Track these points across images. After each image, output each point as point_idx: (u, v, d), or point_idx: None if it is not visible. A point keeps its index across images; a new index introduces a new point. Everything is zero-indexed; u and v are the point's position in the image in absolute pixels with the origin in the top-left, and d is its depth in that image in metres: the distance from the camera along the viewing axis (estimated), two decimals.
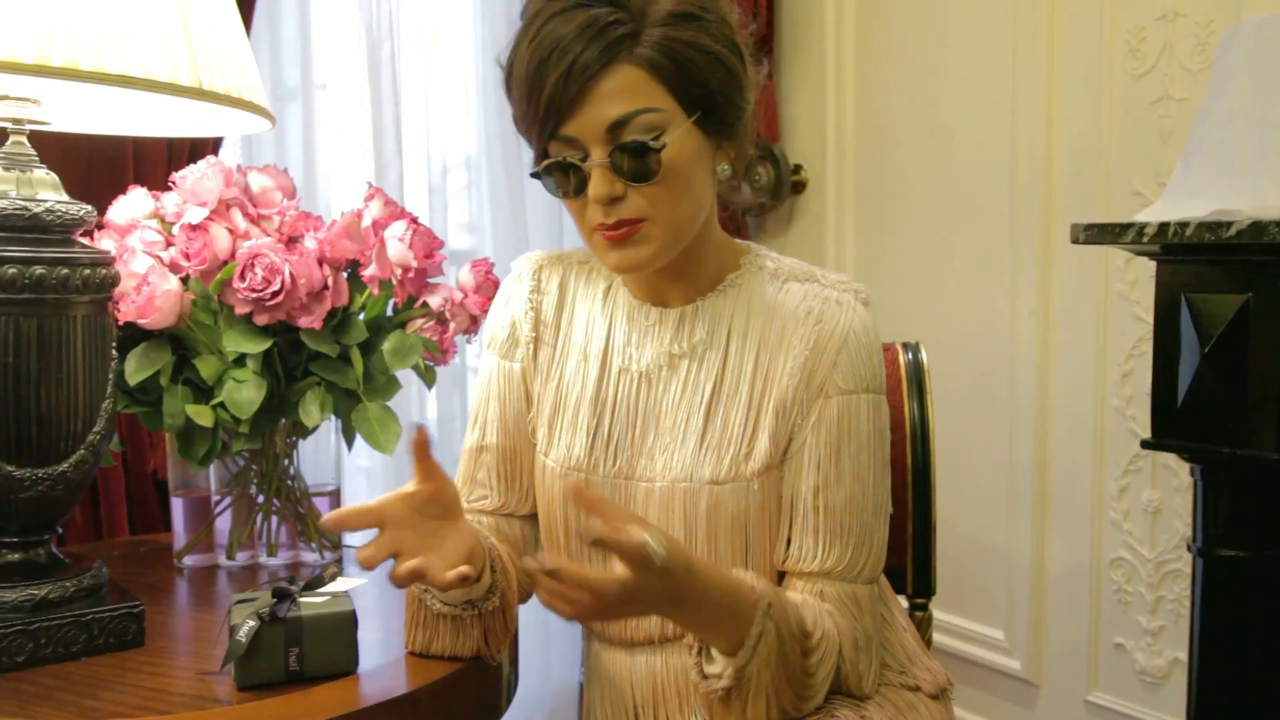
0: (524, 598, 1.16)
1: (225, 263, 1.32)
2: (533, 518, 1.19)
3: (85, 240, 1.20)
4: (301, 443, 1.45)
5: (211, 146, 1.78)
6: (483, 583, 1.05)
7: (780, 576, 1.11)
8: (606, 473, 1.12)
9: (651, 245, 1.04)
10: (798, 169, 2.70)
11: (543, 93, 0.99)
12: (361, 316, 1.39)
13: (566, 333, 1.17)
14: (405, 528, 0.96)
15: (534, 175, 1.06)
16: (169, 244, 1.34)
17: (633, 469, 1.12)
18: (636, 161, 1.00)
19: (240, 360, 1.32)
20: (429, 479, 0.98)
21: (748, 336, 1.11)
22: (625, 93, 1.00)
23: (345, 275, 1.38)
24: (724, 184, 1.12)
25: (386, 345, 1.37)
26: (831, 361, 1.07)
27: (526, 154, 1.09)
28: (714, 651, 0.99)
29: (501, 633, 1.10)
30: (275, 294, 1.28)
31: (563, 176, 1.03)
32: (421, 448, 0.97)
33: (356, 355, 1.36)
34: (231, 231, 1.34)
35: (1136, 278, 1.95)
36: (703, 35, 1.02)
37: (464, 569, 0.94)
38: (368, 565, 0.93)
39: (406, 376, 1.45)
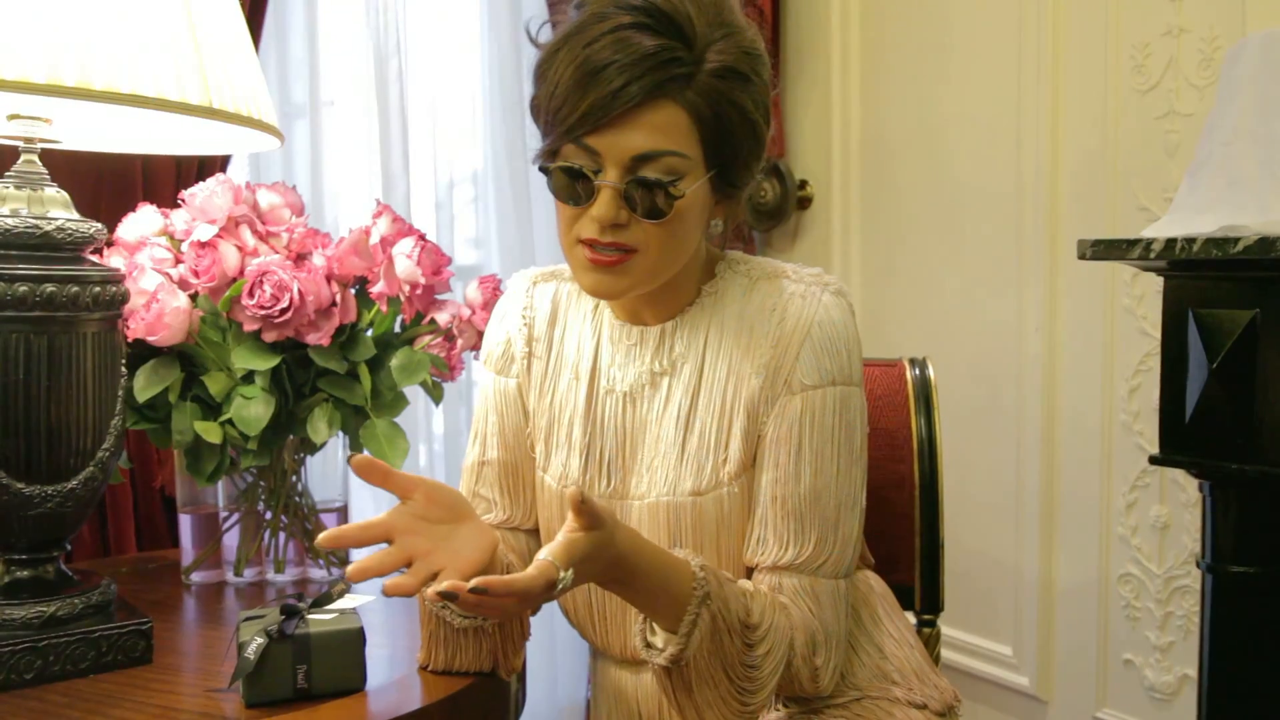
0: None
1: (234, 280, 1.32)
2: (537, 532, 1.19)
3: (95, 258, 1.20)
4: (309, 459, 1.46)
5: (220, 164, 1.79)
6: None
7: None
8: (601, 492, 1.13)
9: (630, 278, 1.04)
10: (803, 184, 2.71)
11: (582, 100, 0.98)
12: (369, 333, 1.39)
13: (559, 349, 1.18)
14: (415, 535, 0.96)
15: (542, 169, 1.06)
16: (178, 261, 1.34)
17: (625, 488, 1.12)
18: (651, 199, 1.00)
19: (249, 377, 1.32)
20: (412, 489, 0.98)
21: (721, 343, 1.11)
22: (663, 130, 0.99)
23: (353, 292, 1.38)
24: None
25: (394, 362, 1.38)
26: (794, 357, 1.07)
27: (534, 170, 1.09)
28: (656, 625, 1.00)
29: (519, 639, 1.10)
30: (284, 311, 1.28)
31: (570, 181, 1.03)
32: (367, 472, 0.95)
33: (364, 372, 1.36)
34: (240, 249, 1.34)
35: (1144, 293, 1.95)
36: (747, 98, 1.02)
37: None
38: (358, 577, 0.92)
39: (414, 392, 1.45)
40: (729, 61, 1.00)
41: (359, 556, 1.57)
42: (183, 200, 1.38)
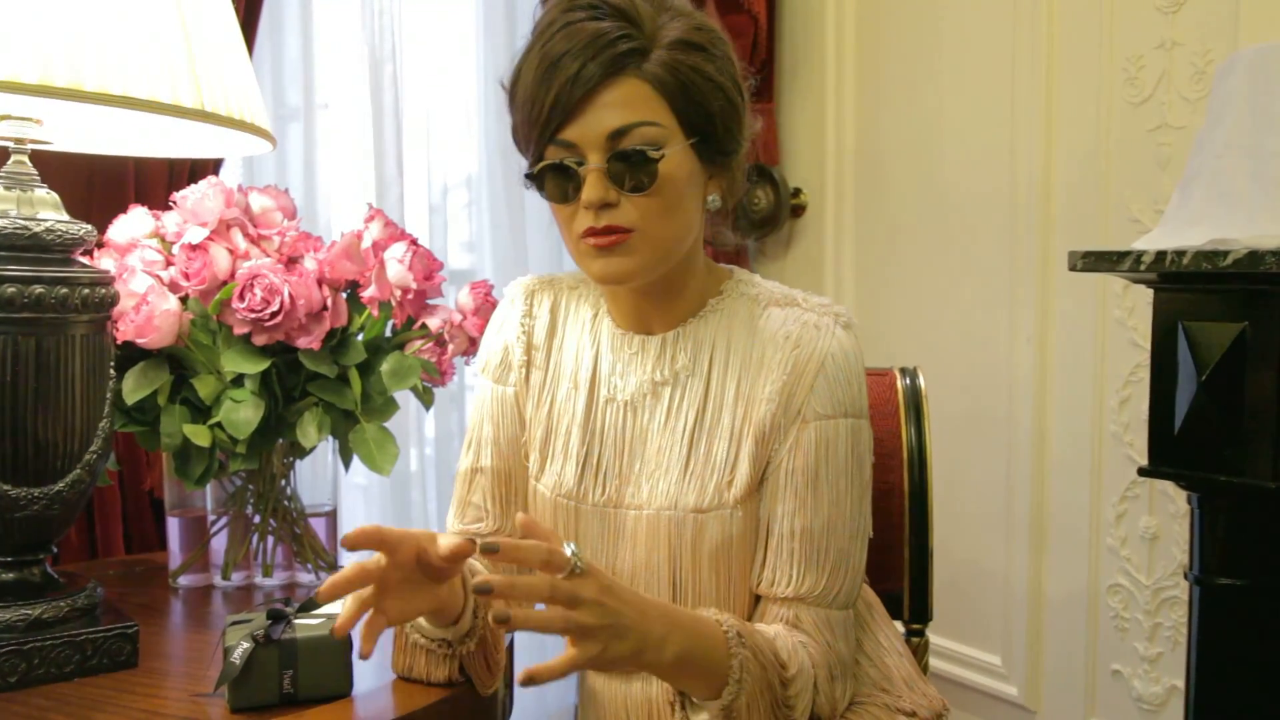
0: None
1: (225, 283, 1.32)
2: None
3: (85, 259, 1.20)
4: (298, 463, 1.45)
5: (212, 166, 1.79)
6: (461, 625, 1.03)
7: (757, 601, 1.11)
8: (596, 501, 1.12)
9: (636, 258, 1.04)
10: (797, 192, 2.71)
11: (548, 95, 1.01)
12: (360, 337, 1.39)
13: (557, 358, 1.18)
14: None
15: (528, 176, 1.07)
16: (169, 264, 1.34)
17: (621, 497, 1.12)
18: (633, 170, 1.01)
19: (238, 380, 1.32)
20: (393, 551, 0.93)
21: (729, 363, 1.11)
22: (628, 104, 1.01)
23: (344, 296, 1.38)
24: (710, 225, 1.13)
25: (385, 366, 1.38)
26: (809, 386, 1.07)
27: (524, 169, 1.09)
28: (695, 699, 0.99)
29: (484, 674, 1.08)
30: (274, 314, 1.28)
31: (557, 180, 1.04)
32: (342, 586, 0.92)
33: (355, 376, 1.36)
34: (231, 252, 1.34)
35: (1134, 304, 1.96)
36: (708, 64, 1.04)
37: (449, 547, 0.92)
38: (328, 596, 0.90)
39: (404, 397, 1.45)
40: (681, 35, 1.03)
41: (348, 559, 1.57)
42: (174, 202, 1.38)
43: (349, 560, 1.59)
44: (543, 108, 1.01)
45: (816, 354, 1.07)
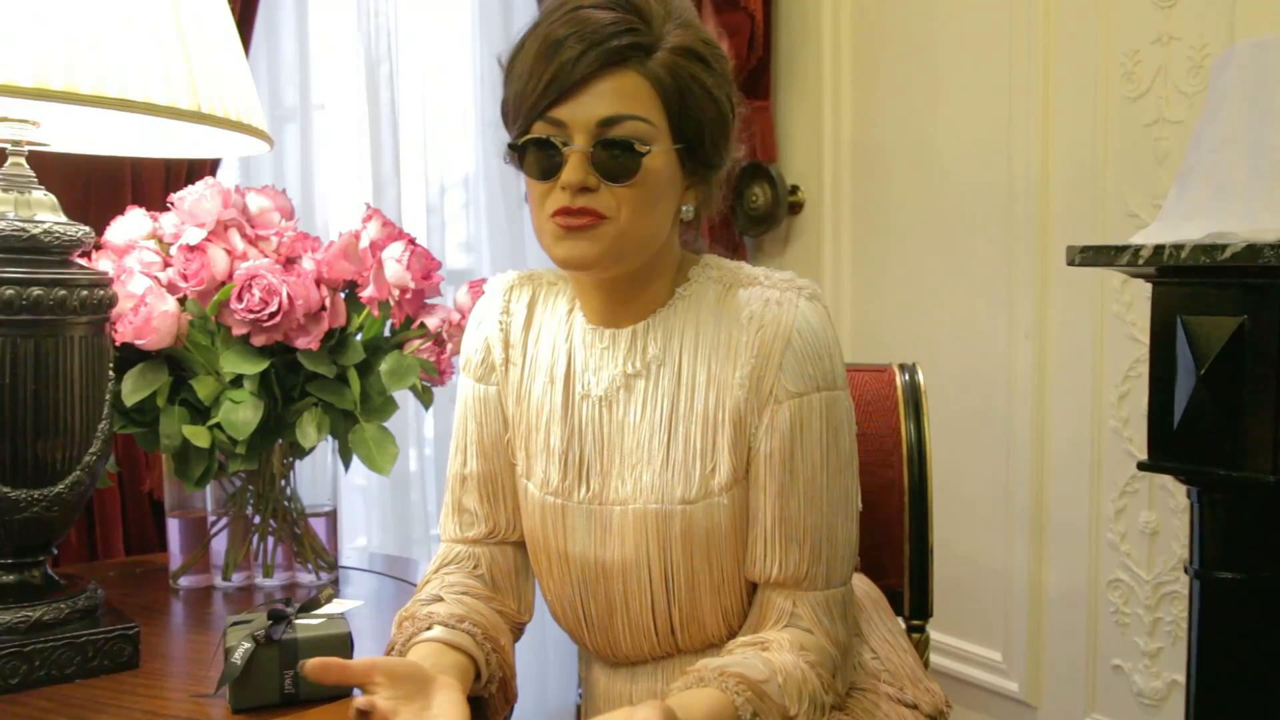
0: (517, 637, 1.17)
1: (223, 284, 1.32)
2: (523, 545, 1.19)
3: (83, 261, 1.20)
4: (298, 463, 1.45)
5: (209, 167, 1.79)
6: (480, 682, 1.06)
7: (752, 588, 1.11)
8: (580, 499, 1.12)
9: (601, 245, 1.03)
10: (794, 190, 2.71)
11: (546, 71, 1.01)
12: (359, 337, 1.39)
13: (533, 351, 1.17)
14: (397, 716, 0.93)
15: (511, 147, 1.07)
16: (167, 265, 1.34)
17: (605, 494, 1.11)
18: (617, 160, 1.01)
19: (237, 381, 1.32)
20: (370, 674, 0.94)
21: (698, 348, 1.10)
22: (624, 95, 1.01)
23: (343, 296, 1.38)
24: (681, 234, 1.13)
25: (384, 366, 1.38)
26: (777, 365, 1.06)
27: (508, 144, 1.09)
28: None
29: (500, 704, 1.10)
30: (273, 315, 1.28)
31: (540, 156, 1.03)
32: (323, 673, 0.92)
33: (354, 376, 1.36)
34: (229, 252, 1.34)
35: (1133, 299, 1.96)
36: (708, 76, 1.04)
37: None
38: None
39: (404, 397, 1.45)
40: (687, 42, 1.03)
41: (346, 560, 1.57)
42: (172, 204, 1.38)
43: (349, 560, 1.59)
44: (539, 83, 1.01)
45: (781, 331, 1.06)
